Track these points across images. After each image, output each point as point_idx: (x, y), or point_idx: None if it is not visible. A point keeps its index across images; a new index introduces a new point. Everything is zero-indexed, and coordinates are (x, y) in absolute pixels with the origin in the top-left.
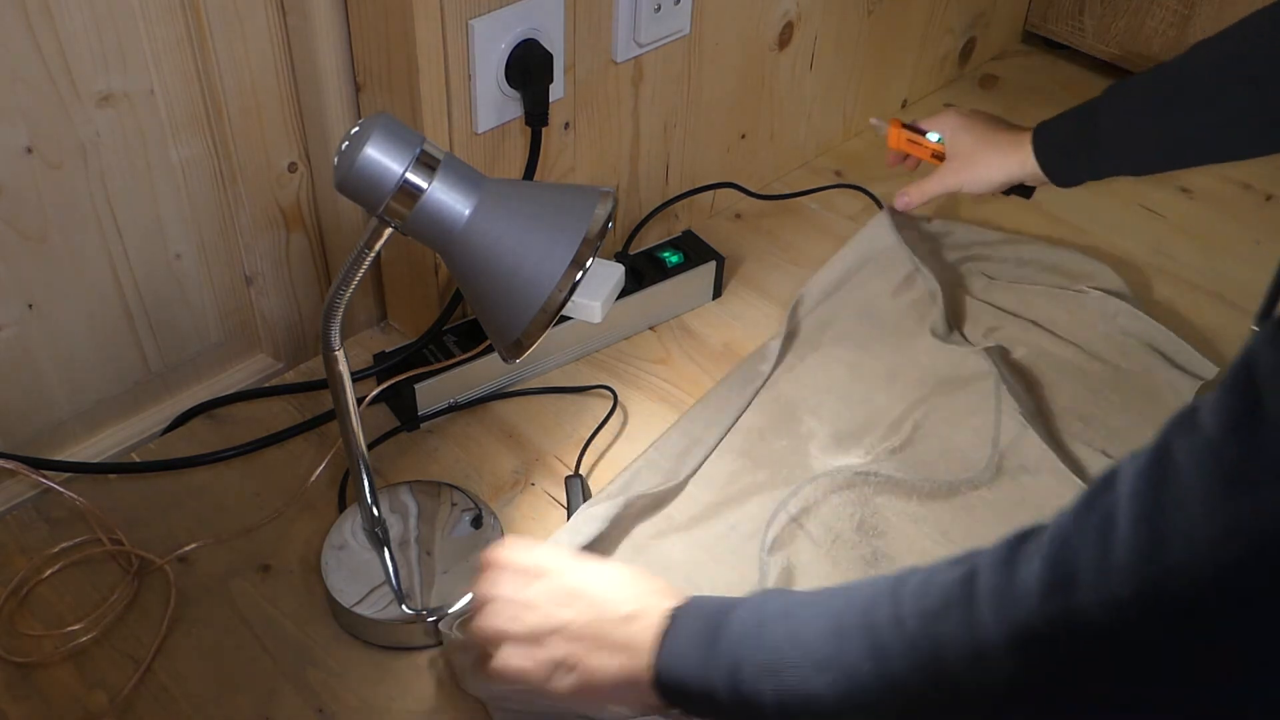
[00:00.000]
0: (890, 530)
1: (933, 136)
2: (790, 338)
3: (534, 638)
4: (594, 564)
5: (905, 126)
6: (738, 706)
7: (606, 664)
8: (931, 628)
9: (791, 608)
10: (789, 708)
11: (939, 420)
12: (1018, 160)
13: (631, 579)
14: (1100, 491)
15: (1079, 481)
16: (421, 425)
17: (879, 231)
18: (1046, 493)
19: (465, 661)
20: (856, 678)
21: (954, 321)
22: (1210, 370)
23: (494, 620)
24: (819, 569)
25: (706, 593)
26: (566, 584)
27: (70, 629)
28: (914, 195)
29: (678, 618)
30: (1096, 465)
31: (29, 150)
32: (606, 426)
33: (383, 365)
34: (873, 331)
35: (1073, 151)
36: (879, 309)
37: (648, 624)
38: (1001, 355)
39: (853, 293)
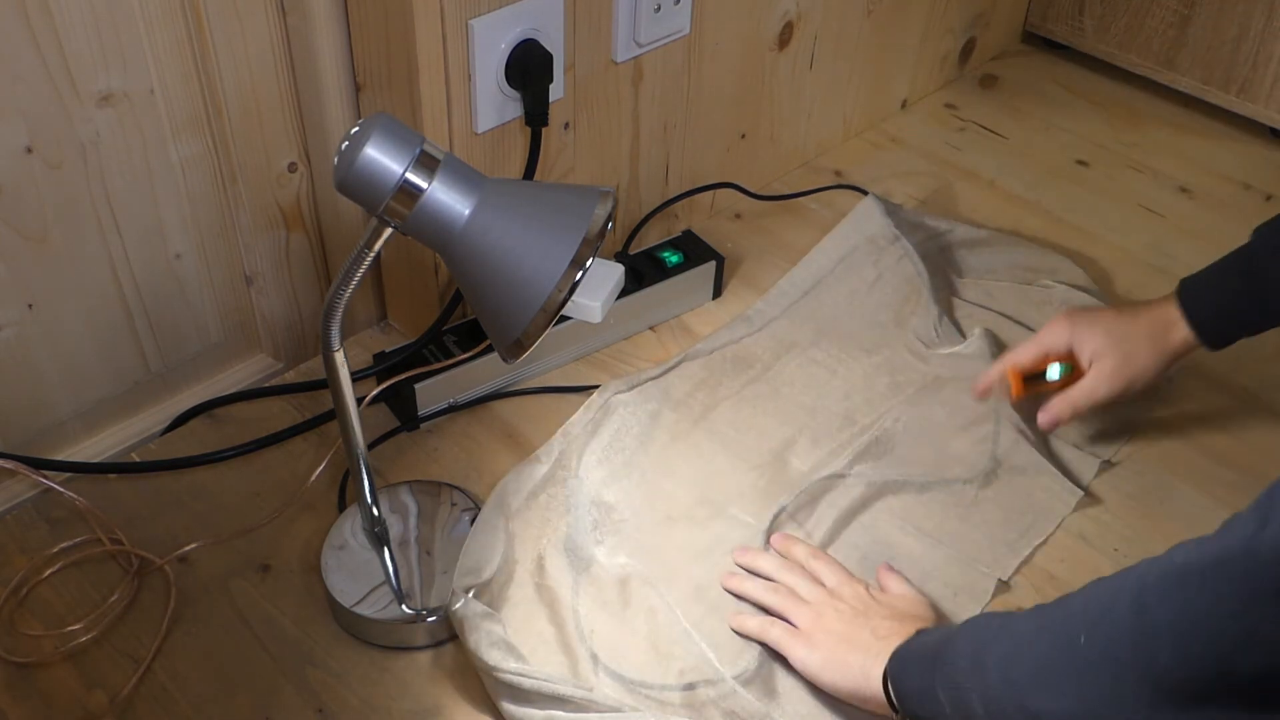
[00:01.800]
0: (880, 530)
1: (1053, 372)
2: (763, 328)
3: (806, 624)
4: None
5: (1025, 378)
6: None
7: (848, 660)
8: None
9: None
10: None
11: (935, 421)
12: (1168, 333)
13: (912, 603)
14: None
15: (1069, 482)
16: (421, 425)
17: (863, 222)
18: (1041, 492)
19: (478, 636)
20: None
21: (942, 307)
22: None
23: (784, 599)
24: None
25: (703, 571)
26: (851, 601)
27: (70, 629)
28: (1063, 411)
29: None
30: (1083, 465)
31: (29, 150)
32: None
33: (383, 365)
34: (851, 329)
35: (1234, 309)
36: (856, 306)
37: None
38: (994, 342)
39: (830, 290)
